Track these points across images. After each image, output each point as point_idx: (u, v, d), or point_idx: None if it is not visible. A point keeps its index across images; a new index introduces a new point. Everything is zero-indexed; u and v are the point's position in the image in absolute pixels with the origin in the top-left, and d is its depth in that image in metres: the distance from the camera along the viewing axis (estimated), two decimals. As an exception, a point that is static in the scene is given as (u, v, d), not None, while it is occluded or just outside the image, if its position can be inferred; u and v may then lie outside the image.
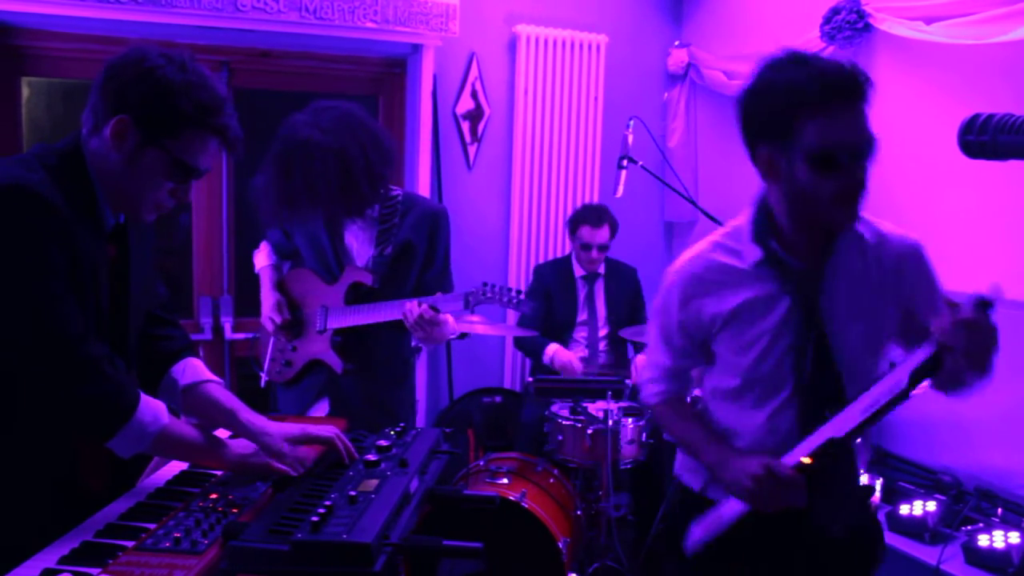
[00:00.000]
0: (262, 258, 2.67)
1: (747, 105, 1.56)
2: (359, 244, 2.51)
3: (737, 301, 1.61)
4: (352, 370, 2.49)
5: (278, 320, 2.51)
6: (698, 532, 1.63)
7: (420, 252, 2.51)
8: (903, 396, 1.40)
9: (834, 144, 1.44)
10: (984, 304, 1.37)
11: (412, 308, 2.32)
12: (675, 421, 1.78)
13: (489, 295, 2.39)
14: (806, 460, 1.48)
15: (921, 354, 1.39)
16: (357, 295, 2.47)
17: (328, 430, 1.64)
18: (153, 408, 1.47)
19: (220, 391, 1.68)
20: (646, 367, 1.85)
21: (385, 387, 2.58)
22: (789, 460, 1.52)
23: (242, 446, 1.60)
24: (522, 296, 2.44)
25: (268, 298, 2.58)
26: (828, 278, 1.59)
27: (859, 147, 1.46)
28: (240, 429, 1.62)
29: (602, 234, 3.69)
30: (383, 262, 2.47)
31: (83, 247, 1.40)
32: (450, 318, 2.49)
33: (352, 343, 2.49)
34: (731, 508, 1.59)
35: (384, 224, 2.48)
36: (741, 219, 1.66)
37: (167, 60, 1.43)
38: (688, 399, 1.87)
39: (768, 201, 1.61)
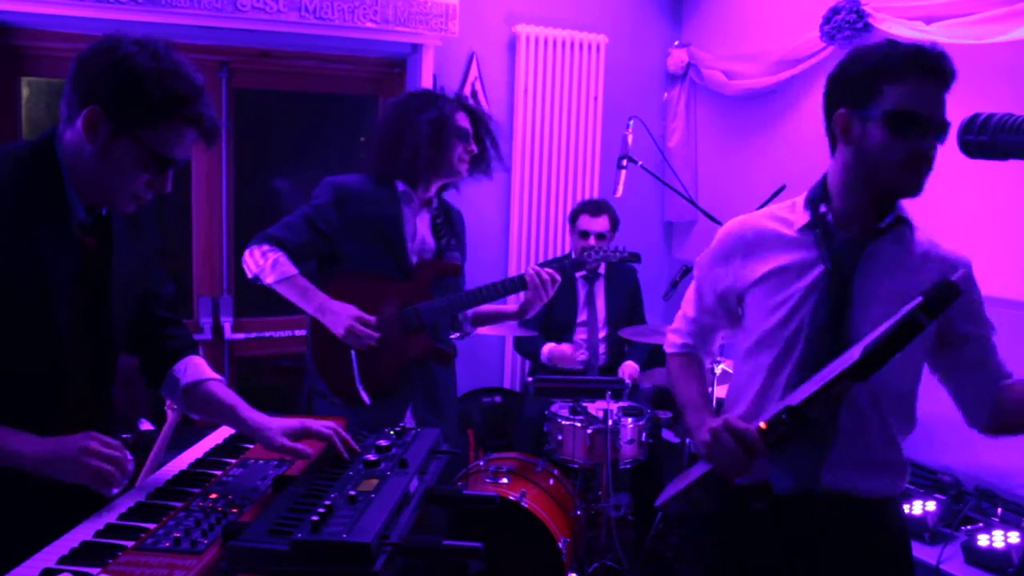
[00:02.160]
0: (284, 266, 2.44)
1: (836, 72, 1.62)
2: (426, 236, 2.58)
3: (774, 264, 1.67)
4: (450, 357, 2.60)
5: (376, 336, 2.41)
6: (669, 488, 1.70)
7: (464, 245, 2.71)
8: (855, 372, 1.36)
9: (912, 108, 1.51)
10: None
11: (538, 271, 2.53)
12: (680, 377, 1.84)
13: (600, 253, 2.76)
14: (762, 425, 1.48)
15: (880, 332, 1.37)
16: (440, 285, 2.54)
17: (327, 426, 1.65)
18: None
19: (221, 389, 1.68)
20: (677, 317, 1.91)
21: (451, 373, 2.69)
22: (750, 424, 1.53)
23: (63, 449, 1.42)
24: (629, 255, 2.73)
25: (343, 308, 2.41)
26: (867, 257, 1.62)
27: (933, 121, 1.52)
28: (240, 425, 1.63)
29: (600, 223, 3.69)
30: (447, 249, 2.60)
31: (32, 238, 1.38)
32: None
33: (438, 332, 2.59)
34: (697, 469, 1.63)
35: (438, 218, 2.59)
36: (800, 196, 1.72)
37: (139, 48, 1.39)
38: (706, 362, 1.92)
39: (827, 176, 1.67)
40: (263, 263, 2.44)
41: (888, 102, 1.52)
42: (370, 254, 2.49)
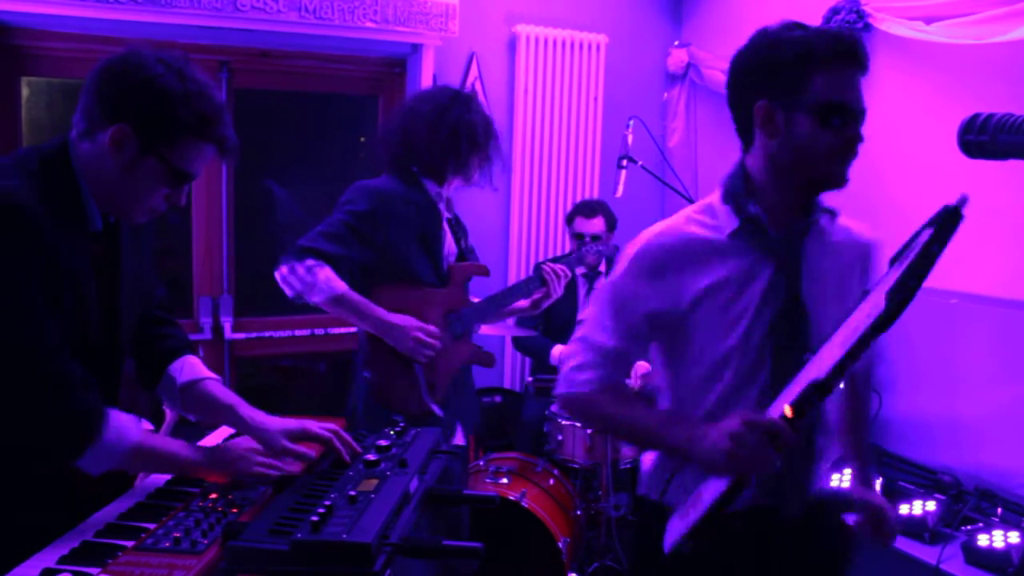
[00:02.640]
0: (335, 282, 2.27)
1: (748, 60, 1.58)
2: (450, 239, 2.56)
3: (714, 277, 1.53)
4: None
5: (438, 346, 2.35)
6: (679, 526, 1.47)
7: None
8: (886, 320, 1.24)
9: (839, 99, 1.49)
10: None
11: (552, 268, 2.56)
12: (619, 408, 1.59)
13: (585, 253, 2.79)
14: (788, 411, 1.31)
15: (895, 273, 1.29)
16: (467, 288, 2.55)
17: (327, 428, 1.64)
18: (121, 427, 1.44)
19: (218, 387, 1.68)
20: (575, 352, 1.63)
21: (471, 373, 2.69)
22: (771, 413, 1.38)
23: (222, 453, 1.57)
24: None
25: (402, 320, 2.32)
26: (806, 255, 1.57)
27: (858, 110, 1.51)
28: (240, 424, 1.62)
29: (595, 224, 3.69)
30: (468, 252, 2.59)
31: (64, 253, 1.38)
32: None
33: (472, 335, 2.60)
34: (711, 489, 1.42)
35: (451, 219, 2.57)
36: (712, 197, 1.61)
37: (166, 67, 1.42)
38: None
39: (747, 167, 1.59)
40: (310, 279, 2.24)
41: (816, 92, 1.48)
42: (412, 260, 2.38)
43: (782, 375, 1.47)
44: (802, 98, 1.49)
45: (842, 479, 3.11)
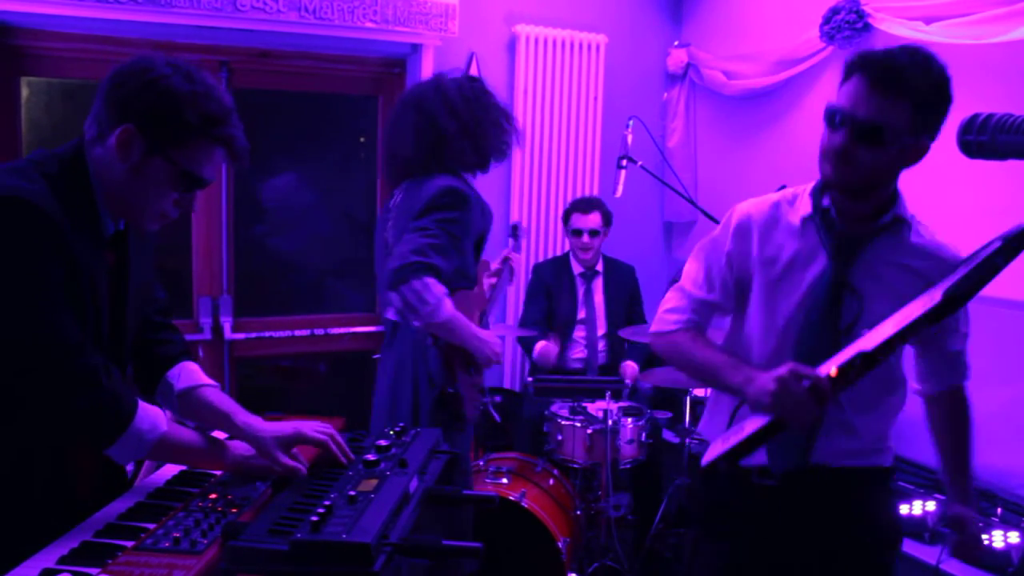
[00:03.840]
0: (448, 304, 2.14)
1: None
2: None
3: (782, 251, 1.71)
4: None
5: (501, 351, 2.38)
6: (719, 447, 1.62)
7: None
8: (937, 313, 1.41)
9: (836, 106, 1.58)
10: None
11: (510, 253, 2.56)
12: (696, 348, 1.78)
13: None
14: (833, 371, 1.48)
15: (957, 276, 1.43)
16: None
17: (321, 430, 1.62)
18: (152, 416, 1.46)
19: (216, 395, 1.66)
20: (671, 298, 1.86)
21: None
22: (819, 370, 1.53)
23: (242, 447, 1.60)
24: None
25: (490, 337, 2.31)
26: (867, 252, 1.66)
27: (854, 119, 1.55)
28: (235, 432, 1.60)
29: (592, 219, 3.70)
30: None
31: (82, 257, 1.39)
32: None
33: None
34: (752, 423, 1.59)
35: None
36: (810, 183, 1.75)
37: (173, 69, 1.42)
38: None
39: None
40: (430, 300, 2.09)
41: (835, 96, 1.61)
42: (470, 264, 2.30)
43: (806, 353, 1.62)
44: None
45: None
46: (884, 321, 1.51)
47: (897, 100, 1.54)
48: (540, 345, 3.68)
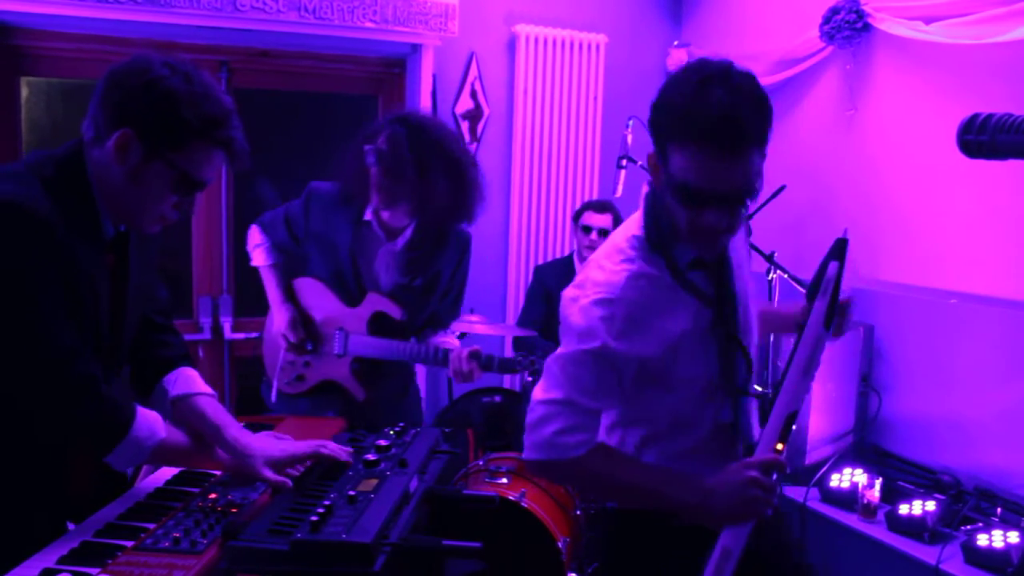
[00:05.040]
0: (261, 255, 2.50)
1: (656, 101, 1.46)
2: (385, 269, 2.38)
3: (682, 321, 1.51)
4: (369, 393, 2.44)
5: (293, 339, 2.40)
6: None
7: (445, 281, 2.42)
8: (823, 342, 1.48)
9: (689, 181, 1.38)
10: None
11: (463, 361, 2.25)
12: (620, 469, 1.54)
13: (531, 362, 2.40)
14: (780, 447, 1.43)
15: (820, 305, 1.48)
16: (381, 326, 2.37)
17: (309, 446, 1.60)
18: (150, 423, 1.45)
19: (210, 404, 1.63)
20: (555, 415, 1.48)
21: (395, 399, 2.54)
22: (763, 454, 1.45)
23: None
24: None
25: (280, 311, 2.43)
26: (727, 270, 1.57)
27: (716, 194, 1.39)
28: (224, 446, 1.57)
29: (604, 219, 3.69)
30: (412, 292, 2.36)
31: (81, 261, 1.38)
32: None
33: (374, 369, 2.43)
34: (735, 537, 1.44)
35: (414, 251, 2.34)
36: (637, 228, 1.55)
37: (171, 70, 1.39)
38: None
39: (664, 202, 1.50)
40: (252, 251, 2.54)
41: (672, 166, 1.40)
42: (321, 267, 2.50)
43: (732, 375, 1.56)
44: (666, 167, 1.43)
45: (841, 479, 3.11)
46: (785, 380, 1.46)
47: (748, 153, 1.39)
48: None
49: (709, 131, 1.34)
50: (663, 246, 1.50)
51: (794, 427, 1.46)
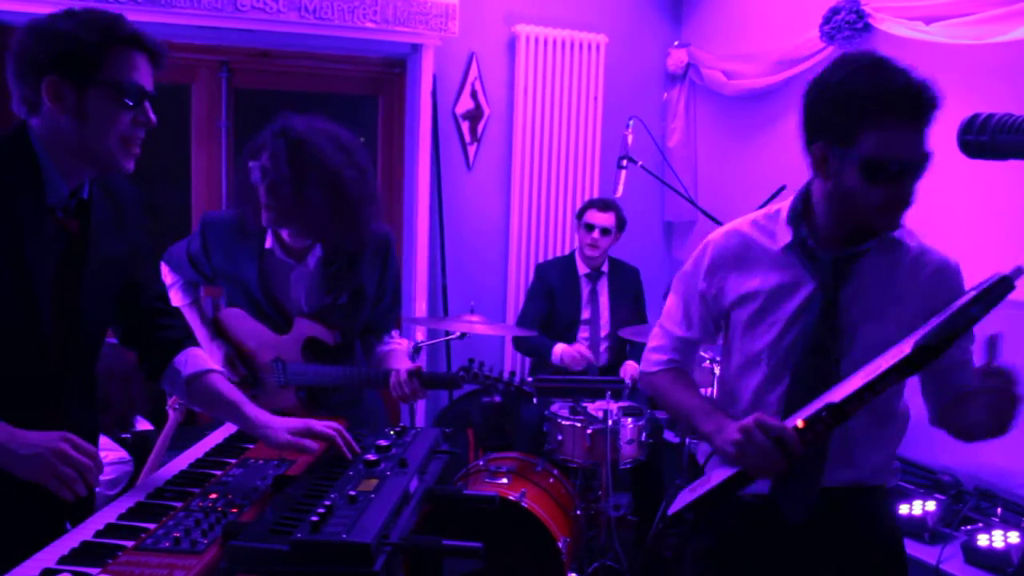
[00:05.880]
0: (177, 295, 2.37)
1: (814, 99, 1.56)
2: (305, 293, 2.23)
3: (761, 283, 1.65)
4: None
5: (235, 378, 2.24)
6: (686, 496, 1.62)
7: (372, 290, 2.26)
8: (907, 366, 1.37)
9: (889, 157, 1.46)
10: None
11: (403, 383, 2.13)
12: (675, 390, 1.78)
13: (474, 375, 2.25)
14: (800, 423, 1.45)
15: (930, 326, 1.39)
16: (316, 350, 2.23)
17: (329, 426, 1.65)
18: None
19: (223, 383, 1.69)
20: (655, 335, 1.84)
21: (357, 426, 2.42)
22: (786, 420, 1.51)
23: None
24: (502, 387, 2.33)
25: (212, 350, 2.27)
26: (855, 274, 1.60)
27: (912, 163, 1.48)
28: (243, 422, 1.64)
29: (607, 218, 3.70)
30: (339, 311, 2.22)
31: (12, 222, 1.41)
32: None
33: (317, 393, 2.29)
34: (719, 474, 1.57)
35: (330, 267, 2.20)
36: (784, 205, 1.68)
37: (51, 16, 1.46)
38: (694, 373, 1.87)
39: (811, 190, 1.64)
40: (165, 280, 2.39)
41: (865, 148, 1.46)
42: (236, 296, 2.36)
43: (803, 383, 1.60)
44: (854, 152, 1.48)
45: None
46: (856, 372, 1.48)
47: (927, 124, 1.49)
48: (560, 348, 3.65)
49: (907, 104, 1.45)
50: (796, 220, 1.63)
51: (826, 420, 1.43)
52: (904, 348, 1.38)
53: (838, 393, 1.45)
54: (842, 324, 1.60)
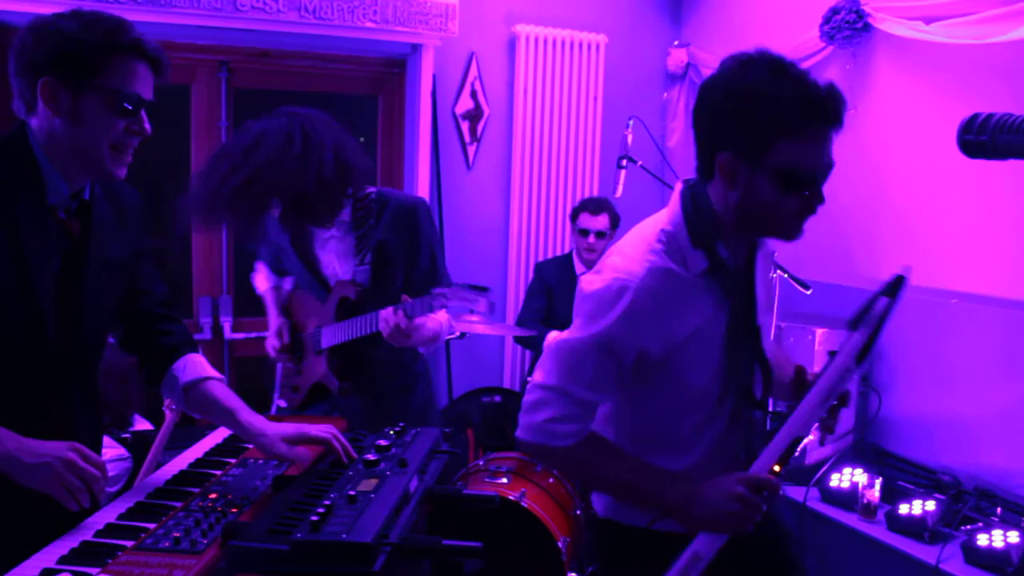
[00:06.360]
0: (262, 280, 2.60)
1: (717, 107, 1.48)
2: (339, 257, 2.34)
3: (698, 317, 1.50)
4: (350, 388, 2.38)
5: (276, 344, 2.49)
6: None
7: (401, 252, 2.32)
8: (853, 368, 1.48)
9: (805, 166, 1.43)
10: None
11: (388, 317, 2.15)
12: (609, 462, 1.55)
13: (450, 296, 2.17)
14: (776, 468, 1.45)
15: (858, 338, 1.48)
16: (347, 310, 2.32)
17: (325, 430, 1.64)
18: None
19: (221, 389, 1.68)
20: (549, 401, 1.52)
21: (390, 399, 2.43)
22: (759, 470, 1.47)
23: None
24: (482, 296, 2.21)
25: (272, 323, 2.54)
26: (753, 276, 1.60)
27: (824, 171, 1.46)
28: (238, 429, 1.63)
29: (600, 221, 3.70)
30: (366, 271, 2.32)
31: (12, 223, 1.41)
32: (432, 321, 2.29)
33: (350, 361, 2.38)
34: (709, 545, 1.46)
35: (359, 229, 2.30)
36: (667, 223, 1.53)
37: (56, 16, 1.45)
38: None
39: (711, 202, 1.52)
40: (256, 282, 2.68)
41: (780, 158, 1.41)
42: (297, 275, 2.57)
43: (745, 402, 1.58)
44: (766, 162, 1.43)
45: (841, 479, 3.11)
46: (805, 399, 1.49)
47: (836, 131, 1.48)
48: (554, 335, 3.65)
49: (823, 112, 1.43)
50: (707, 241, 1.49)
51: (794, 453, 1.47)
52: (848, 362, 1.47)
53: (799, 424, 1.47)
54: (759, 329, 1.59)
